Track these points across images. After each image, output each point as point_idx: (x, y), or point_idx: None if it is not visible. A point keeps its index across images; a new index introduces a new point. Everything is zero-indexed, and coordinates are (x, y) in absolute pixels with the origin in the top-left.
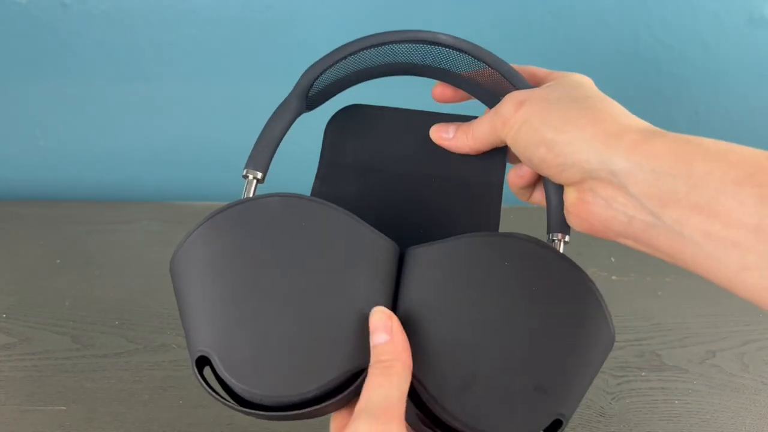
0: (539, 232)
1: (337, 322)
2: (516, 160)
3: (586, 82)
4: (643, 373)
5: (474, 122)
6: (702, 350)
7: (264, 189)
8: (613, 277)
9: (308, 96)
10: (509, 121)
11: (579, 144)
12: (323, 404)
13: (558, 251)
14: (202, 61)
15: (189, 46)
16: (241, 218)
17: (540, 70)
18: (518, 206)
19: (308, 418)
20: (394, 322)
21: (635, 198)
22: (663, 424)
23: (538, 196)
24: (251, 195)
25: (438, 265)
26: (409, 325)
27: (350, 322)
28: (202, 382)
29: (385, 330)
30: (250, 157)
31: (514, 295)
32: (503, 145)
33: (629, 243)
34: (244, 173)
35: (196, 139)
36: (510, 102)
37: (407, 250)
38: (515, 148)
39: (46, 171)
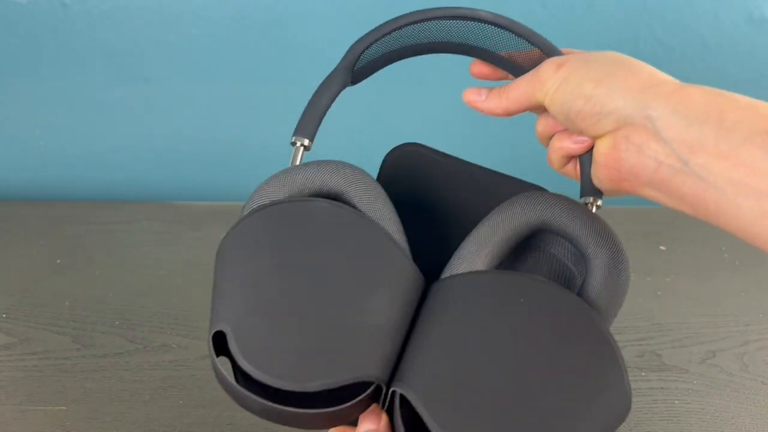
0: None
1: (354, 330)
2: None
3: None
4: (643, 373)
5: (509, 84)
6: (702, 350)
7: (310, 156)
8: None
9: (354, 70)
10: (548, 82)
11: (617, 93)
12: (321, 410)
13: (578, 299)
14: (202, 61)
15: (189, 46)
16: (289, 215)
17: (576, 51)
18: None
19: (303, 425)
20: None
21: (666, 143)
22: (663, 424)
23: (570, 168)
24: (298, 162)
25: (456, 299)
26: (418, 351)
27: (367, 333)
28: (213, 354)
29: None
30: (299, 125)
31: (530, 340)
32: (537, 108)
33: (653, 194)
34: (293, 140)
35: (196, 139)
36: (549, 64)
37: (432, 285)
38: (552, 106)
39: (46, 171)
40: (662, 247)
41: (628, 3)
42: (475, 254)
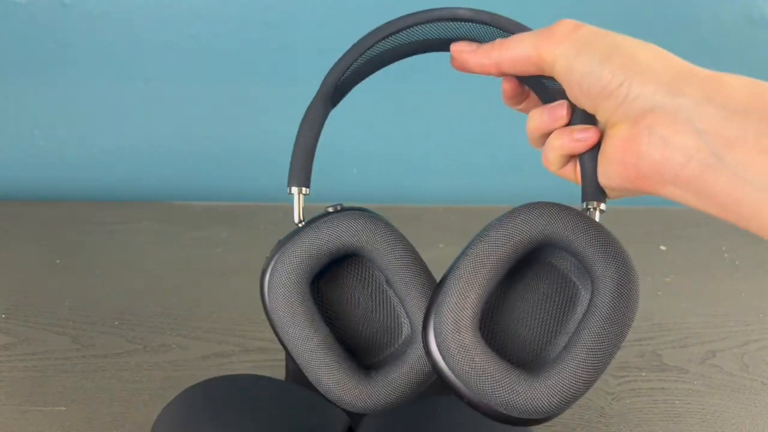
0: None
1: None
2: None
3: None
4: (643, 374)
5: (509, 37)
6: (702, 350)
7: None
8: None
9: (332, 97)
10: (564, 42)
11: (649, 74)
12: None
13: None
14: (202, 61)
15: (189, 46)
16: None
17: None
18: None
19: None
20: None
21: (700, 136)
22: (663, 424)
23: (569, 169)
24: (300, 208)
25: None
26: None
27: None
28: None
29: None
30: (292, 171)
31: None
32: (534, 72)
33: (676, 193)
34: (289, 191)
35: (196, 139)
36: (565, 23)
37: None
38: (568, 73)
39: (46, 171)
40: (662, 247)
41: (627, 3)
42: (473, 274)
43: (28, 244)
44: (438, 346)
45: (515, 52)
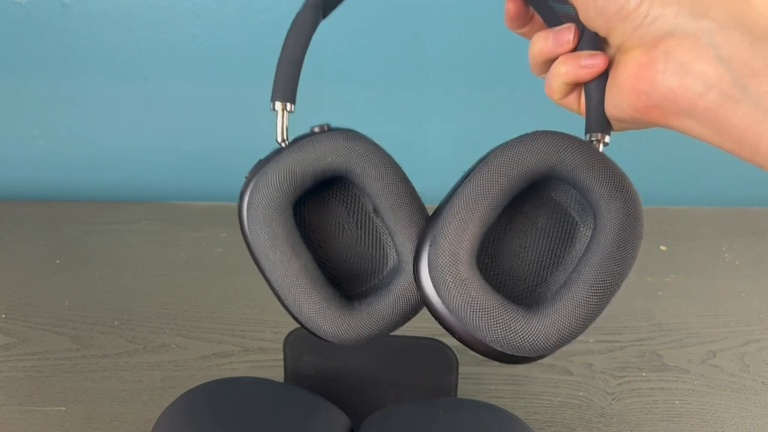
0: None
1: None
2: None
3: None
4: (643, 374)
5: None
6: (702, 350)
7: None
8: None
9: (323, 5)
10: None
11: None
12: None
13: None
14: (202, 61)
15: (189, 46)
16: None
17: None
18: None
19: None
20: None
21: (723, 63)
22: (663, 424)
23: (573, 99)
24: (284, 127)
25: None
26: None
27: None
28: None
29: None
30: (275, 87)
31: None
32: None
33: (689, 125)
34: (272, 106)
35: (196, 139)
36: None
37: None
38: None
39: (46, 171)
40: (663, 248)
41: None
42: (473, 204)
43: (28, 244)
44: (432, 278)
45: None
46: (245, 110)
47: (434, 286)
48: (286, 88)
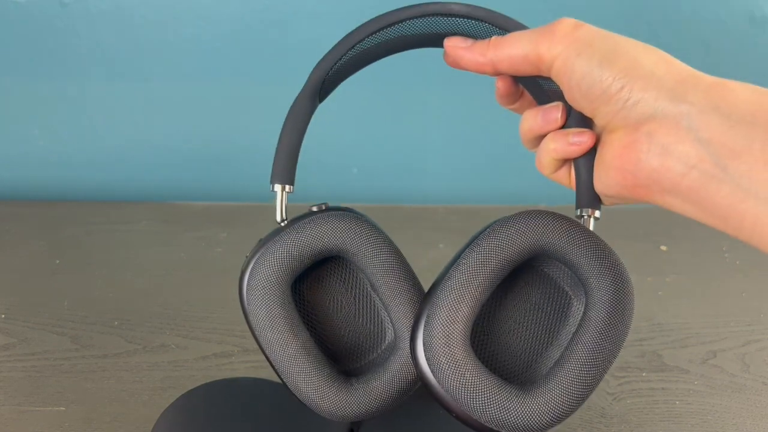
0: None
1: None
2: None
3: None
4: (644, 374)
5: (506, 35)
6: (703, 350)
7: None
8: None
9: (319, 93)
10: (564, 40)
11: (651, 79)
12: None
13: None
14: (202, 61)
15: (189, 45)
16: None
17: None
18: None
19: None
20: None
21: (703, 145)
22: (664, 424)
23: (563, 174)
24: (283, 207)
25: None
26: None
27: None
28: None
29: None
30: (275, 170)
31: None
32: (532, 72)
33: (674, 203)
34: (271, 188)
35: (196, 139)
36: (566, 21)
37: None
38: (567, 73)
39: (46, 171)
40: (663, 248)
41: (628, 2)
42: (465, 286)
43: (28, 244)
44: (428, 359)
45: (512, 51)
46: (245, 110)
47: (430, 366)
48: (284, 171)
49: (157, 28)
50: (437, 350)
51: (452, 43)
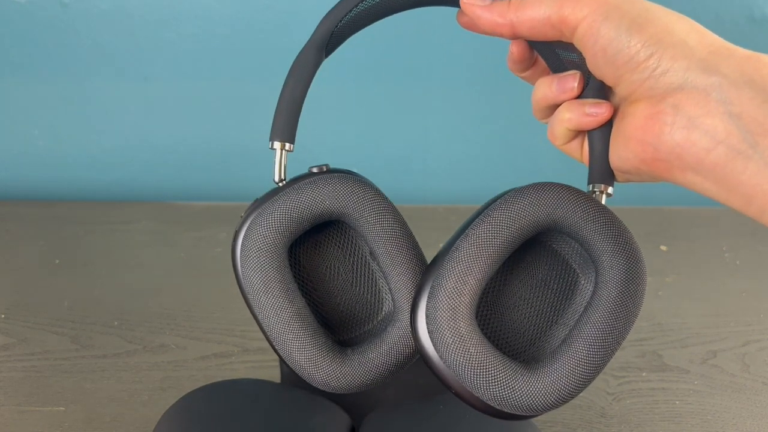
0: None
1: None
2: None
3: None
4: (644, 374)
5: None
6: (703, 350)
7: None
8: None
9: (326, 46)
10: (591, 3)
11: (683, 48)
12: None
13: None
14: (202, 61)
15: (189, 45)
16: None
17: None
18: None
19: None
20: None
21: (733, 119)
22: (664, 424)
23: (575, 146)
24: (282, 166)
25: None
26: None
27: None
28: None
29: None
30: (274, 126)
31: None
32: (553, 37)
33: (695, 181)
34: (270, 145)
35: (196, 139)
36: None
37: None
38: (592, 37)
39: (46, 171)
40: (663, 248)
41: None
42: (474, 258)
43: (27, 244)
44: (430, 332)
45: (534, 13)
46: (245, 110)
47: (431, 340)
48: (285, 128)
49: (157, 28)
50: (441, 323)
51: (469, 1)
